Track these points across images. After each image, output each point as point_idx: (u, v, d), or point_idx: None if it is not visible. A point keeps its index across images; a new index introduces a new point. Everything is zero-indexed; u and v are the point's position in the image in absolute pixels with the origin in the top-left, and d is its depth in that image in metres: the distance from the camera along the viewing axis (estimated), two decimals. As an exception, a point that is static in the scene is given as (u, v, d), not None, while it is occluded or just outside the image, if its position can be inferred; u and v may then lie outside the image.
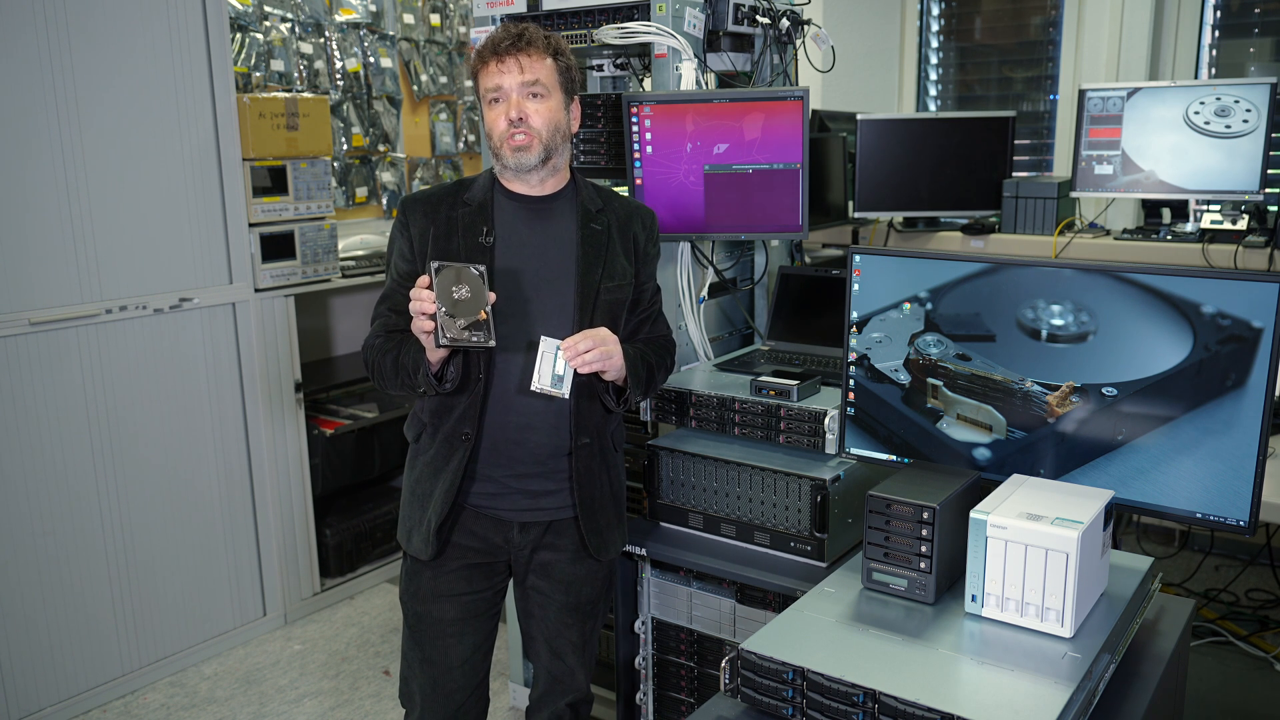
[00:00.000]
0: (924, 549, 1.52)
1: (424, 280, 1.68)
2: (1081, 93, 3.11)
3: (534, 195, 1.88)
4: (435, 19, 4.46)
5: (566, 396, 1.76)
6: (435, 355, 1.74)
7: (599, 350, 1.76)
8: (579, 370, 1.76)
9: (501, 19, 2.64)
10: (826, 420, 2.04)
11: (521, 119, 1.79)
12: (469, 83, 4.60)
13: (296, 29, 3.87)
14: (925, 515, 1.51)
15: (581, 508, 1.88)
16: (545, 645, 1.99)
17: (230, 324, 3.20)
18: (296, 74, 3.86)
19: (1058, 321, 1.61)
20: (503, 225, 1.86)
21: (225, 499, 3.24)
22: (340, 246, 3.65)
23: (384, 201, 4.31)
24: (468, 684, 1.95)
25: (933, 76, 4.69)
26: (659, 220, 2.33)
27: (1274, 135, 2.88)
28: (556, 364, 1.74)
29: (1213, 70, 3.92)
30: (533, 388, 1.74)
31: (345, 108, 4.08)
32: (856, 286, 1.78)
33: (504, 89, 1.79)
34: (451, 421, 1.84)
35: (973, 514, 1.46)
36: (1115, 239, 3.10)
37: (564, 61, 1.85)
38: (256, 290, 3.24)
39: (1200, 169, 2.95)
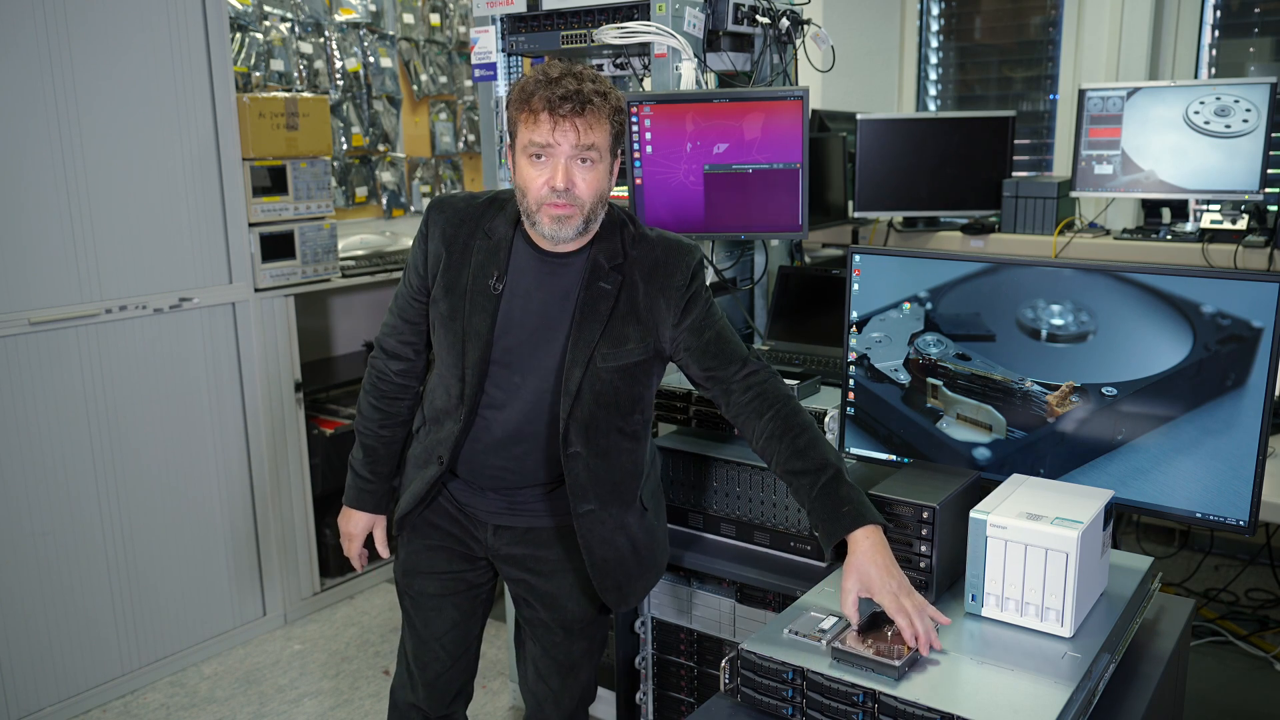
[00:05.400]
0: (924, 549, 1.52)
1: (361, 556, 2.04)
2: (1081, 92, 3.11)
3: (551, 250, 1.72)
4: (435, 19, 4.46)
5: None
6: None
7: (925, 615, 1.43)
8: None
9: (501, 19, 2.64)
10: (826, 420, 2.04)
11: (568, 188, 1.62)
12: (469, 82, 4.60)
13: (296, 29, 3.87)
14: (925, 515, 1.51)
15: (593, 569, 1.78)
16: (531, 664, 1.94)
17: (230, 324, 3.20)
18: (296, 74, 3.86)
19: (1057, 321, 1.61)
20: (514, 272, 1.73)
21: (225, 499, 3.24)
22: (340, 246, 3.65)
23: (384, 201, 4.31)
24: (446, 656, 1.93)
25: (933, 76, 4.69)
26: (660, 220, 2.34)
27: (1274, 135, 2.88)
28: None
29: (1213, 70, 3.92)
30: None
31: (345, 107, 4.08)
32: (856, 286, 1.78)
33: (553, 149, 1.61)
34: (435, 437, 1.82)
35: (973, 514, 1.46)
36: (1115, 239, 3.10)
37: (620, 119, 1.67)
38: (256, 290, 3.24)
39: (1200, 169, 2.95)
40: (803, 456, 1.64)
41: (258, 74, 3.71)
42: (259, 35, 3.71)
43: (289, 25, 3.84)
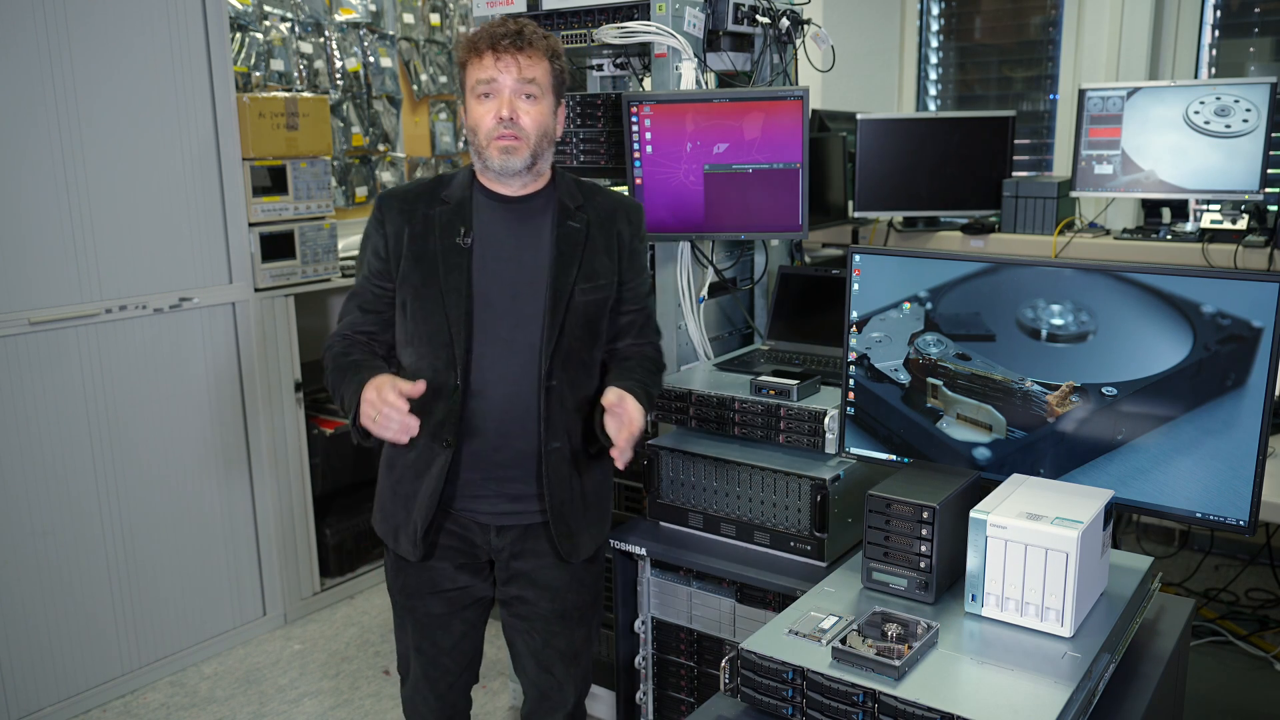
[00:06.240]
0: (924, 549, 1.52)
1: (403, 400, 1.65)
2: (1081, 92, 3.11)
3: (513, 195, 1.84)
4: (435, 18, 4.46)
5: None
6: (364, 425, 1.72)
7: (632, 436, 1.74)
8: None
9: (501, 19, 2.63)
10: (826, 420, 2.04)
11: (512, 119, 1.75)
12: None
13: (296, 29, 3.87)
14: (925, 515, 1.51)
15: (551, 511, 1.84)
16: (531, 658, 1.96)
17: (230, 324, 3.20)
18: (296, 74, 3.86)
19: (1057, 321, 1.61)
20: (481, 226, 1.82)
21: (225, 499, 3.24)
22: (340, 246, 3.65)
23: (384, 201, 4.30)
24: (458, 666, 1.97)
25: (933, 76, 4.69)
26: (660, 220, 2.34)
27: (1274, 135, 2.88)
28: None
29: (1213, 70, 3.92)
30: None
31: (345, 107, 4.08)
32: (856, 286, 1.78)
33: (497, 84, 1.75)
34: (431, 426, 1.81)
35: (973, 514, 1.46)
36: (1115, 239, 3.10)
37: (559, 64, 1.81)
38: (256, 290, 3.24)
39: (1200, 169, 2.95)
40: (634, 357, 1.92)
41: (258, 74, 3.71)
42: (259, 35, 3.71)
43: (289, 25, 3.84)
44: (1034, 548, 1.41)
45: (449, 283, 1.78)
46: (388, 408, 1.64)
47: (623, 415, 1.72)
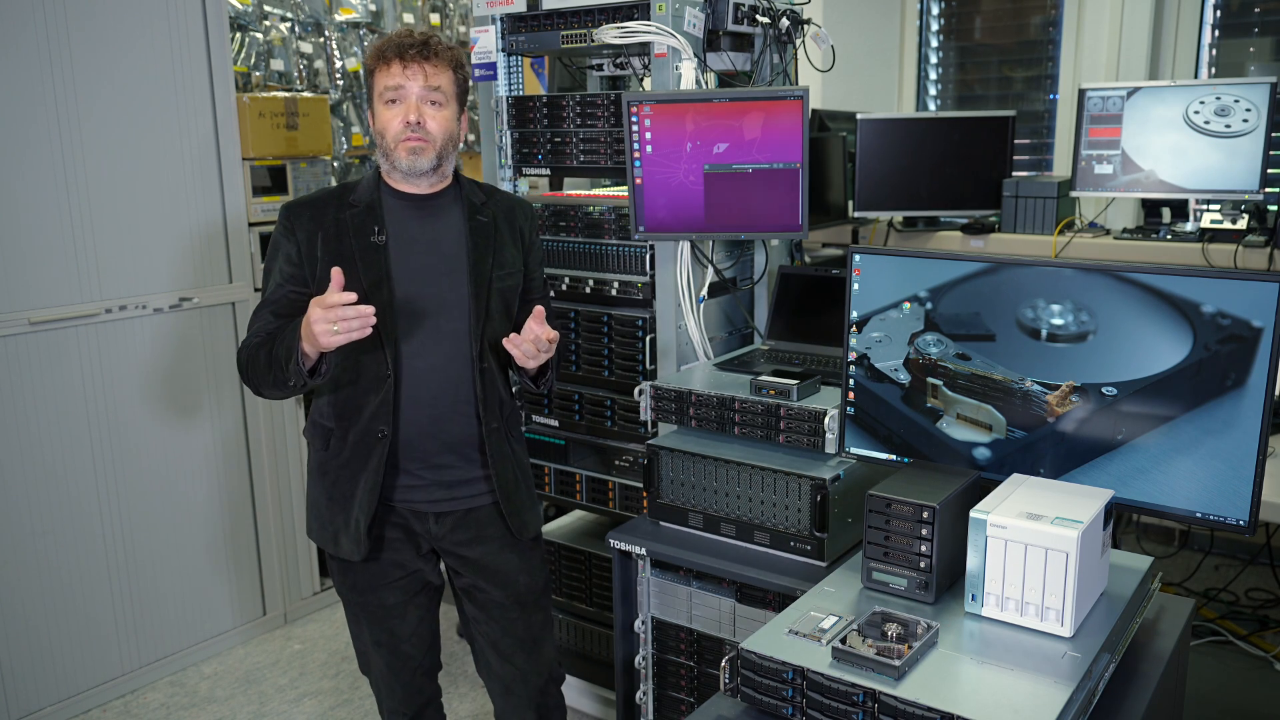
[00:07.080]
0: (924, 549, 1.52)
1: (352, 295, 1.64)
2: (1081, 92, 3.11)
3: (421, 194, 1.92)
4: (435, 19, 4.46)
5: None
6: (330, 345, 1.66)
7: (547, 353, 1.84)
8: (522, 360, 1.84)
9: (501, 18, 2.64)
10: (826, 420, 2.04)
11: (419, 123, 1.83)
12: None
13: (296, 28, 3.87)
14: (925, 515, 1.51)
15: (500, 491, 1.93)
16: (492, 649, 2.02)
17: (230, 323, 3.20)
18: (296, 73, 3.86)
19: (1058, 321, 1.61)
20: (393, 224, 1.89)
21: (225, 498, 3.24)
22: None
23: (384, 201, 4.30)
24: (419, 652, 2.02)
25: (933, 76, 4.69)
26: (660, 220, 2.35)
27: (1274, 135, 2.88)
28: None
29: (1213, 70, 3.92)
30: None
31: (345, 107, 4.07)
32: (856, 286, 1.78)
33: (405, 90, 1.83)
34: (363, 421, 1.86)
35: (973, 513, 1.46)
36: (1115, 239, 3.10)
37: (463, 74, 1.91)
38: (256, 290, 3.24)
39: (1200, 168, 2.95)
40: None
41: (258, 74, 3.71)
42: (259, 35, 3.71)
43: (289, 25, 3.84)
44: (1034, 548, 1.41)
45: (369, 278, 1.83)
46: (338, 310, 1.63)
47: (538, 323, 1.81)
